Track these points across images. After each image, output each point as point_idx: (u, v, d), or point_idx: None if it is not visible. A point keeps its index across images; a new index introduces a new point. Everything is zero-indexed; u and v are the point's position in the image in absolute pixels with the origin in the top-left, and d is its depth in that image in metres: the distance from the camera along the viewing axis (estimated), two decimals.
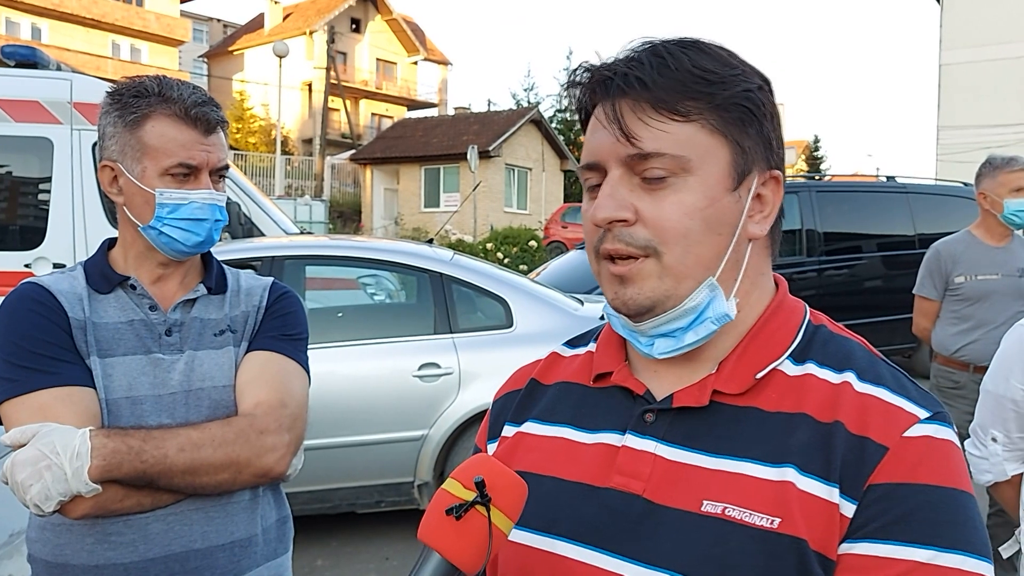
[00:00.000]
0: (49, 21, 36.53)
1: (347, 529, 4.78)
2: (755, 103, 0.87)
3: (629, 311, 0.88)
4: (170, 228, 1.49)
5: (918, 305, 3.98)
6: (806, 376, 0.87)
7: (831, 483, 0.80)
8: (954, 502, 0.79)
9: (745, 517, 0.81)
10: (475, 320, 4.72)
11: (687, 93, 0.84)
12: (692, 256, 0.85)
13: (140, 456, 1.34)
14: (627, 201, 0.85)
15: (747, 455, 0.84)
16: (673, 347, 0.89)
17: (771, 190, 0.91)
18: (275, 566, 1.58)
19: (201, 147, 1.49)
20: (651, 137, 0.84)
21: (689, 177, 0.85)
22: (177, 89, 1.50)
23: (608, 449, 0.91)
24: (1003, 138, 22.19)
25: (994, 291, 3.71)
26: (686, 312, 0.87)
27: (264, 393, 1.50)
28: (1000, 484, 2.08)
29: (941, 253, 3.85)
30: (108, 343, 1.47)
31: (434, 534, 0.78)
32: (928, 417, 0.82)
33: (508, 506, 0.80)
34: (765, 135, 0.89)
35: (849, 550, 0.79)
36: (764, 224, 0.90)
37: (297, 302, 1.67)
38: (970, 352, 3.74)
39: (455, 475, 0.81)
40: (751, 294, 0.91)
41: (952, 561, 0.76)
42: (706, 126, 0.85)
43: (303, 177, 31.54)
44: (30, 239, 5.94)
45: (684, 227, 0.85)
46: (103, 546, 1.42)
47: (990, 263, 3.74)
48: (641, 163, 0.85)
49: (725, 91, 0.85)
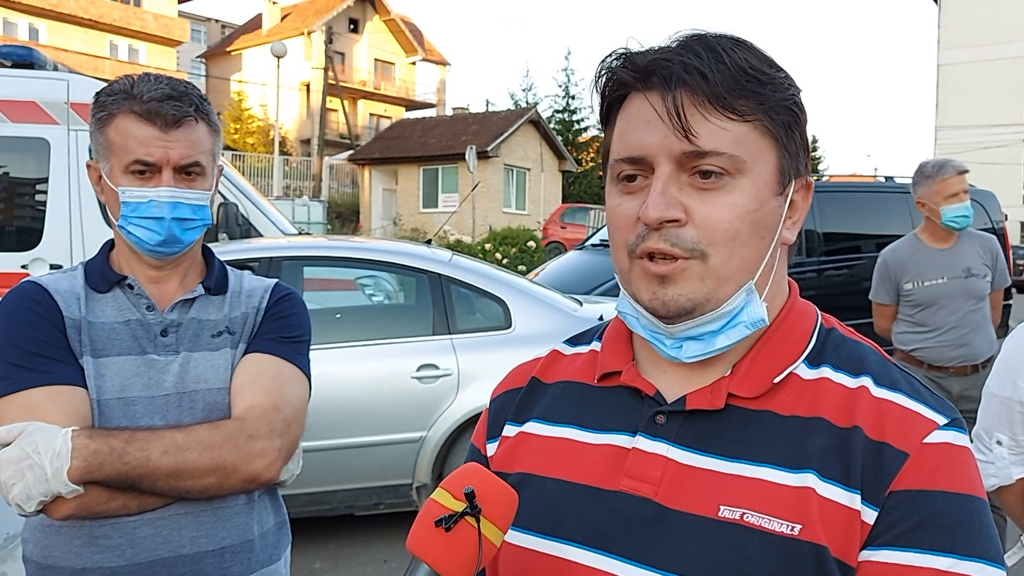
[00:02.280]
0: (47, 21, 36.53)
1: (345, 531, 4.76)
2: (800, 108, 0.87)
3: (668, 312, 0.85)
4: (134, 227, 1.47)
5: (875, 309, 4.08)
6: (821, 380, 0.86)
7: (852, 489, 0.79)
8: (973, 509, 0.78)
9: (764, 523, 0.79)
10: (474, 321, 4.71)
11: (742, 91, 0.82)
12: (737, 259, 0.84)
13: (122, 458, 1.32)
14: (678, 200, 0.82)
15: (764, 460, 0.82)
16: (702, 351, 0.87)
17: (802, 196, 0.90)
18: (270, 572, 1.56)
19: (160, 143, 1.45)
20: (709, 135, 0.81)
21: (741, 178, 0.83)
22: (144, 86, 1.47)
23: (617, 451, 0.89)
24: (1001, 138, 22.21)
25: (941, 295, 3.79)
26: (722, 316, 0.85)
27: (258, 397, 1.47)
28: (1003, 489, 2.07)
29: (888, 261, 3.94)
30: (103, 343, 1.46)
31: (423, 545, 0.77)
32: (947, 424, 0.81)
33: (498, 517, 0.79)
34: (804, 141, 0.89)
35: (869, 557, 0.78)
36: (794, 230, 0.90)
37: (299, 304, 1.65)
38: (924, 354, 3.85)
39: (444, 485, 0.80)
40: (775, 298, 0.90)
41: (971, 569, 0.76)
42: (759, 127, 0.84)
43: (301, 178, 31.50)
44: (27, 240, 5.92)
45: (734, 229, 0.82)
46: (90, 549, 1.41)
47: (935, 267, 3.81)
48: (694, 160, 0.82)
49: (776, 93, 0.84)
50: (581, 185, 33.82)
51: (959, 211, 3.71)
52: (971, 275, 3.80)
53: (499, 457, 0.99)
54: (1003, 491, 2.08)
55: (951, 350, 3.78)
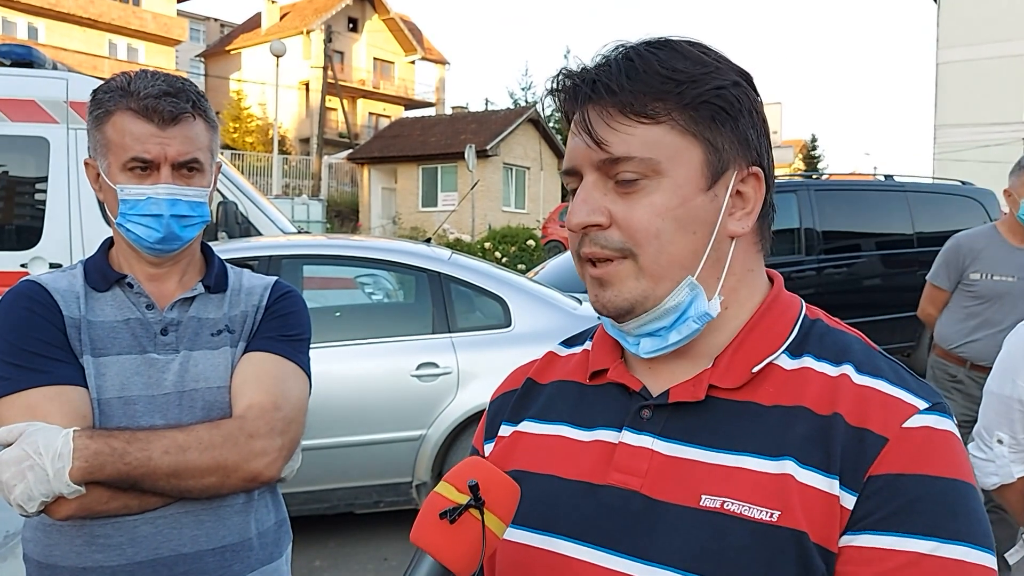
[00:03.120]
0: (46, 21, 36.50)
1: (345, 529, 4.76)
2: (727, 100, 0.86)
3: (609, 312, 0.89)
4: (132, 224, 1.47)
5: (928, 292, 3.91)
6: (803, 369, 0.87)
7: (831, 475, 0.80)
8: (955, 492, 0.78)
9: (744, 511, 0.80)
10: (473, 319, 4.71)
11: (654, 95, 0.84)
12: (666, 256, 0.86)
13: (123, 458, 1.32)
14: (600, 205, 0.87)
15: (745, 449, 0.83)
16: (658, 346, 0.90)
17: (752, 187, 0.90)
18: (271, 570, 1.56)
19: (157, 140, 1.45)
20: (619, 141, 0.85)
21: (661, 179, 0.85)
22: (141, 82, 1.46)
23: (605, 446, 0.91)
24: (1001, 136, 22.23)
25: (1008, 293, 3.64)
26: (667, 312, 0.88)
27: (258, 395, 1.47)
28: (1005, 487, 2.07)
29: (962, 246, 3.77)
30: (102, 342, 1.46)
31: (427, 537, 0.79)
32: (928, 408, 0.82)
33: (501, 509, 0.81)
34: (742, 132, 0.88)
35: (850, 542, 0.78)
36: (746, 221, 0.90)
37: (299, 302, 1.64)
38: (970, 350, 3.70)
39: (448, 478, 0.82)
40: (738, 291, 0.91)
41: (954, 552, 0.76)
42: (675, 127, 0.85)
43: (300, 176, 31.49)
44: (26, 239, 5.93)
45: (655, 228, 0.85)
46: (91, 548, 1.41)
47: (1009, 264, 3.66)
48: (612, 167, 0.86)
49: (694, 90, 0.85)
50: None
51: None
52: None
53: (495, 456, 1.01)
54: (1004, 489, 2.08)
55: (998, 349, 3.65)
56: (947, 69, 26.59)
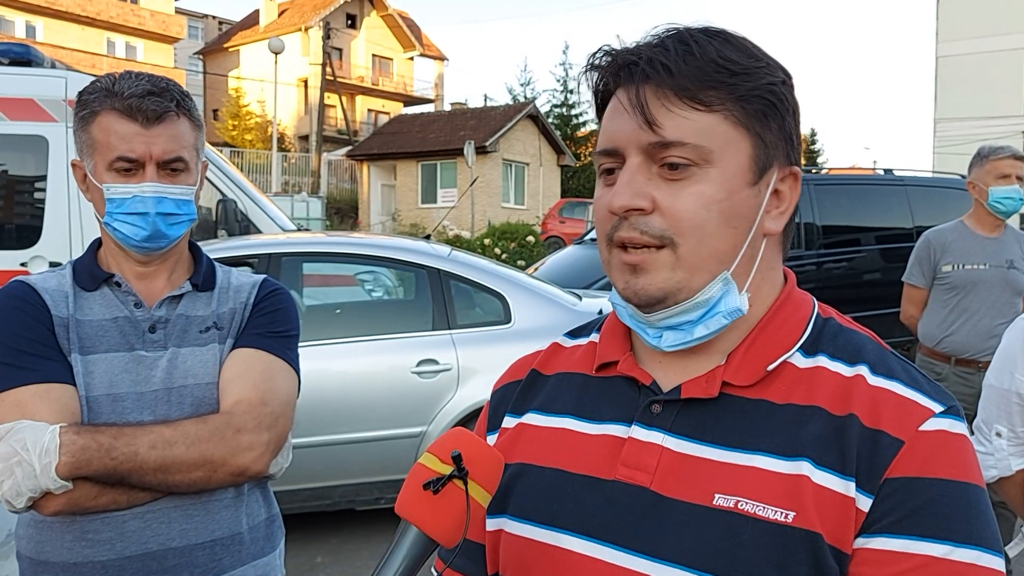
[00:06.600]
0: (44, 19, 36.45)
1: (347, 526, 4.77)
2: (778, 97, 0.86)
3: (640, 301, 0.86)
4: (119, 223, 1.48)
5: (906, 293, 4.00)
6: (817, 368, 0.86)
7: (847, 477, 0.79)
8: (969, 496, 0.78)
9: (759, 511, 0.80)
10: (473, 316, 4.71)
11: (710, 82, 0.83)
12: (707, 248, 0.84)
13: (110, 453, 1.33)
14: (644, 190, 0.84)
15: (758, 448, 0.83)
16: (682, 340, 0.88)
17: (789, 186, 0.90)
18: (262, 565, 1.57)
19: (142, 139, 1.46)
20: (673, 125, 0.83)
21: (710, 168, 0.83)
22: (125, 83, 1.48)
23: (613, 440, 0.90)
24: (1000, 130, 22.21)
25: (981, 281, 3.71)
26: (697, 305, 0.86)
27: (245, 391, 1.48)
28: (1004, 480, 2.07)
29: (931, 241, 3.85)
30: (91, 340, 1.47)
31: (412, 508, 0.79)
32: (943, 411, 0.81)
33: (485, 479, 0.81)
34: (787, 130, 0.88)
35: (865, 544, 0.78)
36: (780, 220, 0.90)
37: (287, 299, 1.65)
38: (951, 343, 3.76)
39: (432, 449, 0.82)
40: (762, 288, 0.90)
41: (967, 556, 0.76)
42: (729, 117, 0.84)
43: (300, 174, 31.50)
44: (26, 238, 5.92)
45: (701, 219, 0.83)
46: (81, 543, 1.42)
47: (979, 253, 3.73)
48: (661, 151, 0.83)
49: (749, 83, 0.84)
50: (580, 179, 33.78)
51: (1007, 193, 3.62)
52: (1013, 267, 3.71)
53: (499, 448, 0.99)
54: (1003, 482, 2.09)
55: (983, 340, 3.67)
56: (947, 63, 26.57)
